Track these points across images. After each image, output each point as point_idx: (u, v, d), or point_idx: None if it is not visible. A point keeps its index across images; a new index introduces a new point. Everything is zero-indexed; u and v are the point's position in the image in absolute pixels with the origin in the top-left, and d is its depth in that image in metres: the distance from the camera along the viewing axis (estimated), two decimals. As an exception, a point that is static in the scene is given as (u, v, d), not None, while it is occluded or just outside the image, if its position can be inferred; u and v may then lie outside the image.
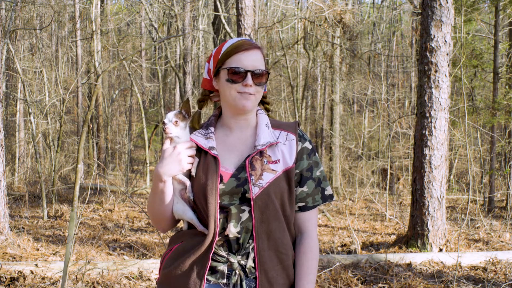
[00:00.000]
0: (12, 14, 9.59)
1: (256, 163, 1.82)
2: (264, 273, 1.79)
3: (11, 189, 12.30)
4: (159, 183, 1.85)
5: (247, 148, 1.88)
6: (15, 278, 5.07)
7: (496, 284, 5.37)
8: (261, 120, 1.93)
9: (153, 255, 6.61)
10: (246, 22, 7.67)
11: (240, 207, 1.80)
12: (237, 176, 1.82)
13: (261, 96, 1.90)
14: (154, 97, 24.62)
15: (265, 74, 1.87)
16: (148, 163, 15.06)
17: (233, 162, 1.86)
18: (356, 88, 19.76)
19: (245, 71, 1.84)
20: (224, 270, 1.80)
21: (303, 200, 1.89)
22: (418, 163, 6.94)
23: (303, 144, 1.91)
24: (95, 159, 16.34)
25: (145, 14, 17.78)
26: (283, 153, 1.86)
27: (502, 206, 11.61)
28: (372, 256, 6.17)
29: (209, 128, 1.92)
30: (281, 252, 1.83)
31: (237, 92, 1.85)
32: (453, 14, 6.92)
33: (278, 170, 1.83)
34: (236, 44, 1.87)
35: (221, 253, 1.81)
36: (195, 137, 1.89)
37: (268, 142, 1.85)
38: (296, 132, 1.92)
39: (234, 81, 1.84)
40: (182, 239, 1.88)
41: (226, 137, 1.92)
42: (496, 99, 12.01)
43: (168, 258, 1.87)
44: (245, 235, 1.80)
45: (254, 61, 1.85)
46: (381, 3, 24.97)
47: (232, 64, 1.85)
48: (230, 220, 1.79)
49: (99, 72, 13.65)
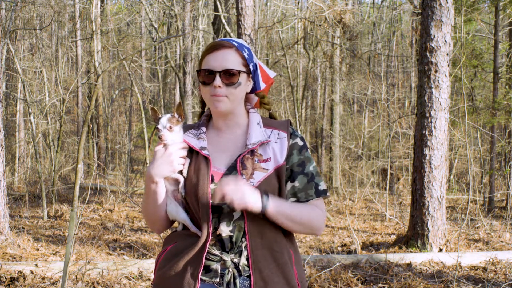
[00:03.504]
0: (12, 14, 9.59)
1: (247, 162, 1.82)
2: (259, 272, 1.78)
3: (11, 189, 12.30)
4: (151, 184, 1.84)
5: (238, 147, 1.88)
6: (15, 278, 5.07)
7: (496, 284, 5.37)
8: (252, 119, 1.92)
9: (153, 255, 6.60)
10: (246, 22, 7.67)
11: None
12: (228, 175, 1.81)
13: (237, 97, 1.86)
14: (154, 97, 24.61)
15: (237, 73, 1.83)
16: (148, 163, 15.04)
17: (224, 162, 1.86)
18: (356, 88, 19.74)
19: (213, 72, 1.82)
20: (218, 268, 1.80)
21: (295, 195, 1.87)
22: (418, 163, 6.93)
23: (293, 141, 1.89)
24: (95, 159, 16.34)
25: (145, 14, 17.77)
26: (274, 151, 1.86)
27: (502, 206, 11.61)
28: (372, 256, 6.17)
29: (200, 128, 1.92)
30: (275, 250, 1.82)
31: (210, 95, 1.84)
32: (453, 14, 6.92)
33: (269, 168, 1.83)
34: (209, 46, 1.87)
35: (214, 252, 1.81)
36: (186, 138, 1.89)
37: (259, 141, 1.84)
38: (287, 130, 1.90)
39: (206, 83, 1.84)
40: (176, 240, 1.88)
41: (217, 137, 1.91)
42: (496, 99, 12.01)
43: (162, 259, 1.87)
44: (237, 233, 1.80)
45: (223, 61, 1.82)
46: (381, 3, 24.97)
47: (203, 66, 1.85)
48: (223, 220, 1.79)
49: (99, 72, 13.65)
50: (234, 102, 1.86)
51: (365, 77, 19.73)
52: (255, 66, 1.91)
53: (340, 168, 15.75)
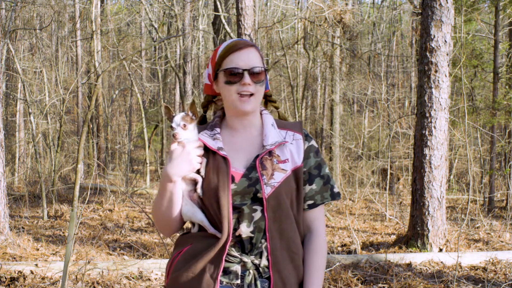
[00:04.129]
0: (12, 14, 9.59)
1: (266, 162, 1.82)
2: (278, 273, 1.78)
3: (11, 189, 12.30)
4: (168, 184, 1.82)
5: (255, 148, 1.87)
6: (15, 278, 5.07)
7: (496, 284, 5.37)
8: (266, 120, 1.92)
9: (153, 255, 6.60)
10: (246, 22, 7.67)
11: (252, 206, 1.79)
12: (248, 176, 1.81)
13: (261, 95, 1.89)
14: (154, 97, 24.63)
15: (263, 71, 1.86)
16: (148, 163, 15.06)
17: (241, 162, 1.85)
18: (356, 88, 19.74)
19: (242, 70, 1.82)
20: (238, 270, 1.79)
21: (312, 198, 1.89)
22: (418, 163, 6.93)
23: (309, 143, 1.91)
24: (95, 159, 16.34)
25: (145, 14, 17.77)
26: (292, 152, 1.86)
27: (502, 206, 11.61)
28: (372, 256, 6.17)
29: (214, 129, 1.91)
30: (293, 251, 1.83)
31: (236, 93, 1.83)
32: (453, 14, 6.92)
33: (288, 169, 1.83)
34: (230, 45, 1.87)
35: (234, 254, 1.79)
36: (202, 137, 1.87)
37: (277, 141, 1.85)
38: (302, 132, 1.93)
39: (232, 82, 1.83)
40: (191, 242, 1.86)
41: (232, 138, 1.91)
42: (496, 99, 12.01)
43: (178, 261, 1.84)
44: (258, 234, 1.79)
45: (249, 60, 1.84)
46: (381, 3, 24.97)
47: (228, 65, 1.84)
48: (243, 220, 1.78)
49: (99, 72, 13.65)
50: (259, 100, 1.88)
51: (365, 77, 19.73)
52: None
53: (340, 168, 15.75)
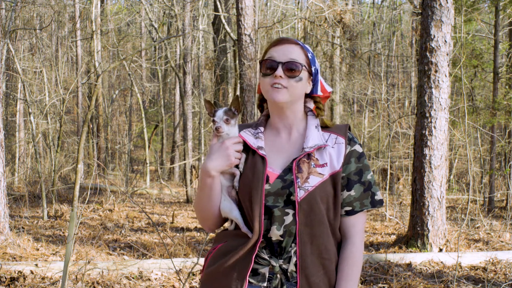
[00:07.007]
0: (12, 14, 9.59)
1: (303, 165, 1.79)
2: (306, 279, 1.75)
3: (11, 189, 12.30)
4: (207, 178, 1.82)
5: (295, 150, 1.85)
6: (15, 278, 5.07)
7: (496, 284, 5.36)
8: (310, 122, 1.89)
9: (153, 255, 6.60)
10: (246, 22, 7.67)
11: (284, 209, 1.76)
12: (283, 177, 1.79)
13: (297, 91, 1.83)
14: (154, 97, 24.64)
15: (299, 66, 1.81)
16: (148, 163, 15.06)
17: (280, 164, 1.83)
18: (356, 88, 19.75)
19: (276, 62, 1.81)
20: (266, 273, 1.77)
21: (350, 204, 1.83)
22: (418, 163, 6.93)
23: (352, 147, 1.85)
24: (95, 159, 16.34)
25: (145, 14, 17.78)
26: (331, 156, 1.82)
27: (502, 206, 11.61)
28: (372, 256, 6.17)
29: (258, 128, 1.90)
30: (324, 257, 1.78)
31: (270, 86, 1.82)
32: (453, 14, 6.92)
33: (325, 174, 1.79)
34: (275, 40, 1.87)
35: (263, 256, 1.77)
36: (244, 135, 1.87)
37: (316, 145, 1.81)
38: (346, 135, 1.86)
39: (266, 74, 1.82)
40: (226, 239, 1.86)
41: (274, 138, 1.89)
42: (496, 99, 12.01)
43: (212, 257, 1.85)
44: (288, 238, 1.76)
45: (286, 54, 1.81)
46: (381, 3, 24.96)
47: (266, 58, 1.85)
48: (273, 223, 1.76)
49: (99, 72, 13.65)
50: (293, 95, 1.82)
51: (365, 77, 19.73)
52: (317, 71, 1.89)
53: (340, 168, 15.72)
